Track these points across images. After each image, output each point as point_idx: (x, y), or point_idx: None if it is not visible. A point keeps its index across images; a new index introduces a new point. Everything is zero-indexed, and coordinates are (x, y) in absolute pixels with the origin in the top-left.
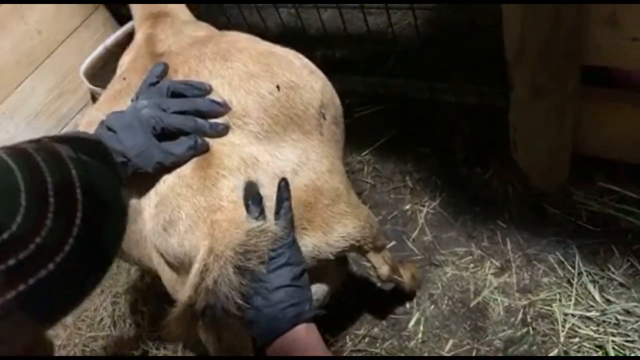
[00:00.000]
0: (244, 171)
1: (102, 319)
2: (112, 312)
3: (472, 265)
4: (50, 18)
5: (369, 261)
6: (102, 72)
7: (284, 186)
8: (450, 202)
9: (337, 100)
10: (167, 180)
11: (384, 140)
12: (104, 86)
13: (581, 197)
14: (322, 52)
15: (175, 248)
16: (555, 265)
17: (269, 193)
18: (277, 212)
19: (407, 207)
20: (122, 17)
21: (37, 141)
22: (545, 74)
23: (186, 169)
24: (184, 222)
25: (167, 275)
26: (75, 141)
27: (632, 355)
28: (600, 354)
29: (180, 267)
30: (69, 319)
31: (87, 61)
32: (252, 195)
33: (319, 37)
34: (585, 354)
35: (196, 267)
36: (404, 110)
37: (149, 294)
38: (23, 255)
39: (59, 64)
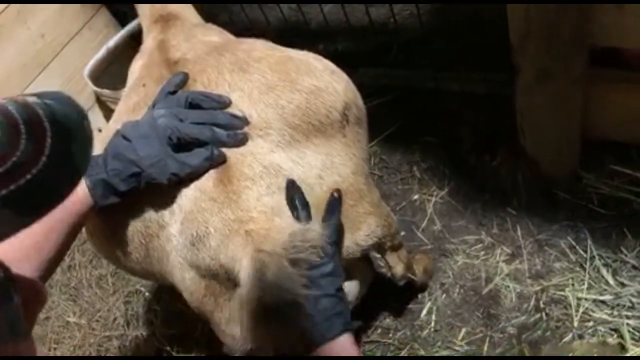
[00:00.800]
0: (267, 179)
1: (115, 319)
2: (125, 311)
3: (482, 253)
4: (53, 22)
5: (385, 260)
6: (105, 74)
7: (336, 198)
8: (459, 190)
9: (360, 101)
10: (189, 195)
11: (390, 132)
12: (108, 88)
13: (592, 180)
14: (325, 46)
15: (207, 261)
16: (567, 250)
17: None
18: (324, 220)
19: (416, 197)
20: (124, 16)
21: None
22: (551, 57)
23: (208, 183)
24: (214, 236)
25: (194, 290)
26: (41, 93)
27: None
28: (615, 337)
29: (212, 279)
30: (83, 320)
31: (91, 63)
32: (297, 199)
33: (321, 30)
34: (600, 338)
35: (249, 267)
36: (409, 100)
37: (161, 293)
38: (3, 169)
39: (64, 67)
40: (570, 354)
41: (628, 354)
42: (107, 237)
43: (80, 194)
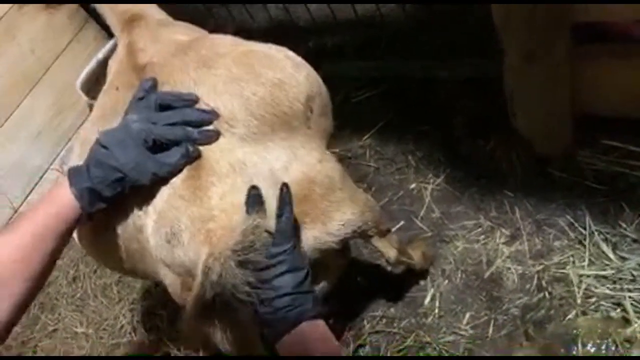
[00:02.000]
0: (232, 177)
1: (122, 326)
2: (132, 318)
3: (482, 236)
4: (42, 36)
5: (374, 247)
6: (97, 85)
7: (285, 192)
8: (455, 177)
9: (324, 89)
10: (163, 194)
11: (383, 123)
12: None
13: (586, 157)
14: (314, 42)
15: (181, 258)
16: (566, 228)
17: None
18: (278, 217)
19: (413, 186)
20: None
21: None
22: (534, 38)
23: (178, 180)
24: (185, 233)
25: (173, 287)
26: None
27: None
28: (618, 311)
29: (187, 276)
30: (90, 330)
31: (82, 76)
32: (251, 198)
33: (308, 27)
34: (604, 313)
35: (199, 269)
36: (399, 91)
37: (165, 298)
38: None
39: (55, 81)
40: (575, 331)
41: (632, 328)
42: (92, 241)
43: (68, 202)
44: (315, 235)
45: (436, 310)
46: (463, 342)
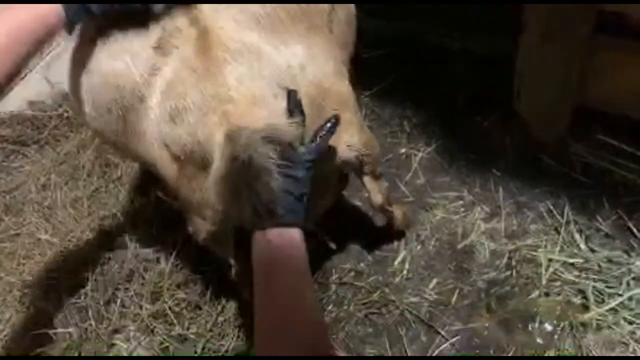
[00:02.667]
0: (247, 58)
1: (88, 240)
2: (98, 234)
3: (462, 209)
4: None
5: (365, 186)
6: None
7: (333, 122)
8: (446, 148)
9: (352, 5)
10: (170, 64)
11: (384, 84)
12: None
13: (578, 149)
14: None
15: (184, 138)
16: (545, 214)
17: (276, 90)
18: (313, 137)
19: (403, 150)
20: None
21: None
22: (560, 16)
23: (188, 51)
24: (193, 111)
25: (168, 169)
26: None
27: (611, 300)
28: (579, 297)
29: (188, 158)
30: (55, 239)
31: None
32: (293, 101)
33: None
34: (565, 297)
35: (221, 142)
36: (408, 55)
37: (137, 218)
38: None
39: None
40: (535, 309)
41: (589, 314)
42: (81, 102)
43: (53, 8)
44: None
45: (405, 272)
46: (426, 305)
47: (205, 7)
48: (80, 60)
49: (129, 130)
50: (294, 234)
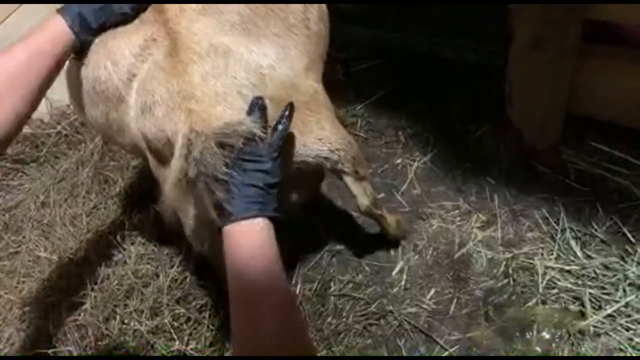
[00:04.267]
0: (213, 58)
1: (87, 257)
2: (98, 250)
3: (458, 218)
4: None
5: (348, 188)
6: None
7: (289, 108)
8: (442, 157)
9: (324, 5)
10: (145, 67)
11: (379, 95)
12: None
13: (571, 156)
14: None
15: (154, 131)
16: (540, 221)
17: (242, 88)
18: (275, 125)
19: (398, 161)
20: None
21: None
22: (547, 23)
23: (159, 55)
24: (160, 106)
25: (150, 160)
26: None
27: (608, 307)
28: (577, 305)
29: (161, 151)
30: (54, 256)
31: None
32: (254, 105)
33: None
34: (563, 304)
35: (180, 143)
36: (401, 65)
37: (136, 234)
38: None
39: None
40: (532, 317)
41: (586, 321)
42: (80, 106)
43: (60, 28)
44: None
45: (403, 282)
46: (424, 316)
47: (184, 19)
48: (75, 71)
49: (118, 127)
50: (261, 224)
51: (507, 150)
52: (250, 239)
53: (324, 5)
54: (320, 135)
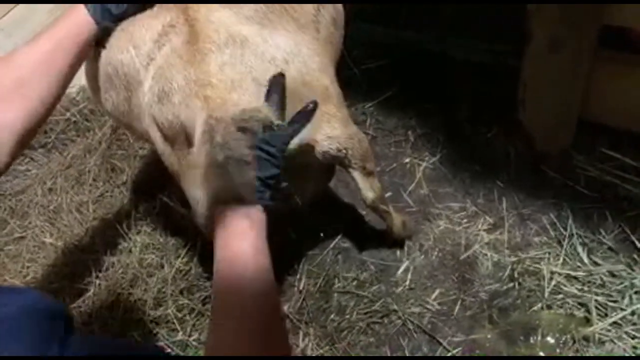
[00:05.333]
0: (231, 47)
1: (94, 244)
2: (103, 238)
3: (465, 220)
4: None
5: (354, 181)
6: None
7: (311, 108)
8: (451, 158)
9: (340, 6)
10: (162, 53)
11: (389, 94)
12: None
13: (582, 162)
14: None
15: (170, 118)
16: (548, 226)
17: (257, 75)
18: (290, 121)
19: (407, 160)
20: None
21: None
22: (566, 26)
23: (178, 42)
24: (177, 93)
25: (162, 147)
26: None
27: (614, 314)
28: (582, 311)
29: (176, 138)
30: (59, 242)
31: None
32: (276, 87)
33: None
34: (568, 310)
35: (201, 129)
36: (412, 64)
37: (141, 225)
38: None
39: None
40: (537, 322)
41: (591, 328)
42: (97, 90)
43: (82, 17)
44: (302, 139)
45: (407, 282)
46: (428, 316)
47: (203, 8)
48: (94, 55)
49: (133, 112)
50: (253, 212)
51: (517, 154)
52: (242, 218)
53: (339, 10)
54: (330, 134)
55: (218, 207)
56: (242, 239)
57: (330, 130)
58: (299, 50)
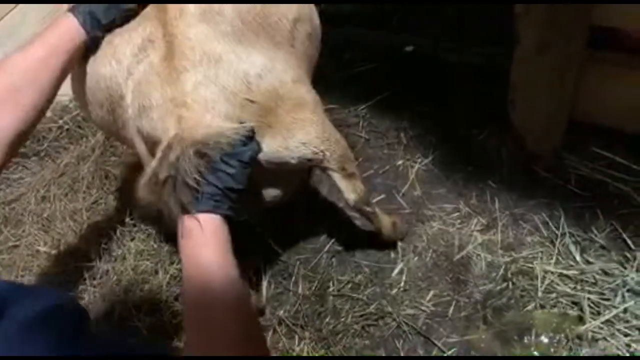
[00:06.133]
0: (206, 67)
1: (88, 252)
2: (98, 246)
3: (458, 221)
4: None
5: (335, 184)
6: None
7: (249, 127)
8: (443, 160)
9: (316, 20)
10: (141, 68)
11: (381, 96)
12: None
13: (573, 161)
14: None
15: (149, 130)
16: (540, 226)
17: (230, 94)
18: (243, 141)
19: (400, 162)
20: None
21: None
22: (553, 28)
23: (155, 58)
24: (155, 109)
25: (146, 159)
26: None
27: (606, 312)
28: (575, 309)
29: (153, 147)
30: (53, 251)
31: None
32: (243, 130)
33: None
34: (562, 309)
35: (162, 145)
36: (405, 67)
37: (136, 231)
38: None
39: None
40: (531, 321)
41: (585, 326)
42: (84, 102)
43: (72, 25)
44: (275, 147)
45: (402, 284)
46: (423, 317)
47: (181, 23)
48: (80, 68)
49: (117, 123)
50: (214, 217)
51: (509, 154)
52: (203, 228)
53: (315, 24)
54: (304, 140)
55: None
56: (206, 250)
57: (304, 136)
58: (273, 66)
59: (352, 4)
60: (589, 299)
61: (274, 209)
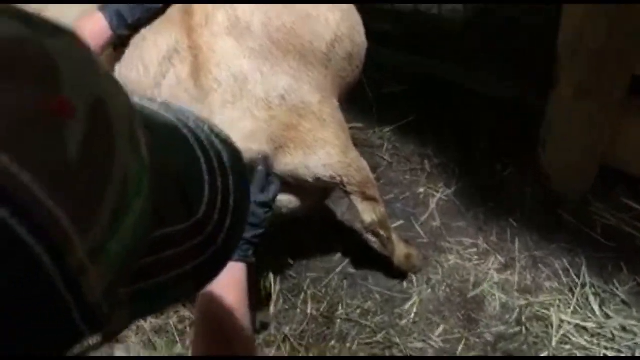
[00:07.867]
0: (233, 87)
1: None
2: None
3: (476, 257)
4: None
5: (353, 204)
6: None
7: (263, 169)
8: (465, 192)
9: (359, 38)
10: (167, 82)
11: (408, 120)
12: None
13: (600, 209)
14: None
15: None
16: (560, 272)
17: (254, 114)
18: (263, 188)
19: (421, 190)
20: None
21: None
22: (595, 76)
23: (182, 72)
24: None
25: None
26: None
27: None
28: None
29: None
30: None
31: None
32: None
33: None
34: None
35: None
36: (434, 93)
37: None
38: (199, 240)
39: None
40: None
41: None
42: None
43: (100, 22)
44: (294, 163)
45: (412, 315)
46: (430, 352)
47: (207, 32)
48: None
49: None
50: (236, 270)
51: (532, 194)
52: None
53: (358, 43)
54: (324, 161)
55: None
56: (225, 296)
57: (325, 157)
58: (300, 87)
59: (391, 25)
60: (605, 355)
61: (290, 221)
